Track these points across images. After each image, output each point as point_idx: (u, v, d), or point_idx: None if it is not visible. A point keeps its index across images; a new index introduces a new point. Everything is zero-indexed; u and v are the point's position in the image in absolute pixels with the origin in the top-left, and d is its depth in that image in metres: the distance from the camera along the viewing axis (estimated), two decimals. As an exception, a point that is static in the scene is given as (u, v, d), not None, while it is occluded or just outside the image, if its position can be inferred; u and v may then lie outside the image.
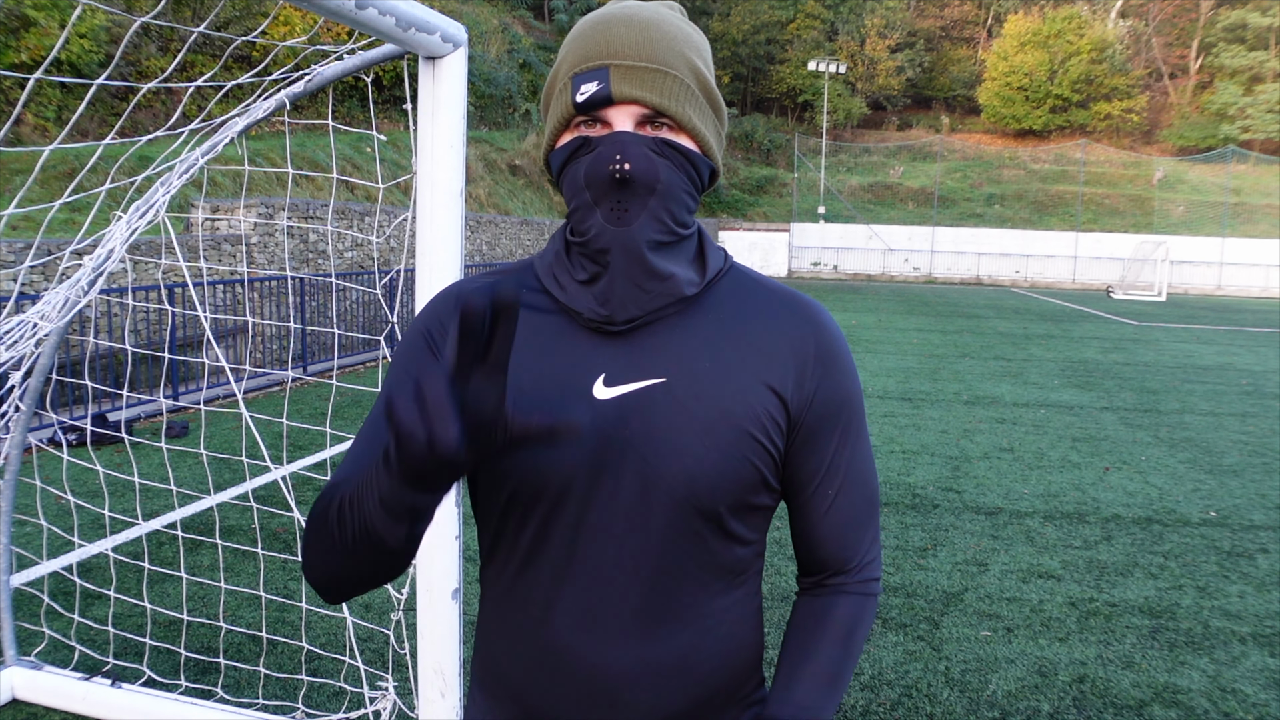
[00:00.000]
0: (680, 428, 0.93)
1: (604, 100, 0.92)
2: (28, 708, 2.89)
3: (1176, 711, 3.12)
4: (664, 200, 0.93)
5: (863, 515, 1.05)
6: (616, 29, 0.93)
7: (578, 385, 0.95)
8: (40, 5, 11.00)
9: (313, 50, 2.22)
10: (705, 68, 0.97)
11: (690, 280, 0.97)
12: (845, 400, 1.02)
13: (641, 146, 0.91)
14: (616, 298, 0.93)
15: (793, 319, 1.01)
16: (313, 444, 6.34)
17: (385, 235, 7.27)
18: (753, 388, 0.96)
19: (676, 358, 0.96)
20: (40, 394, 2.86)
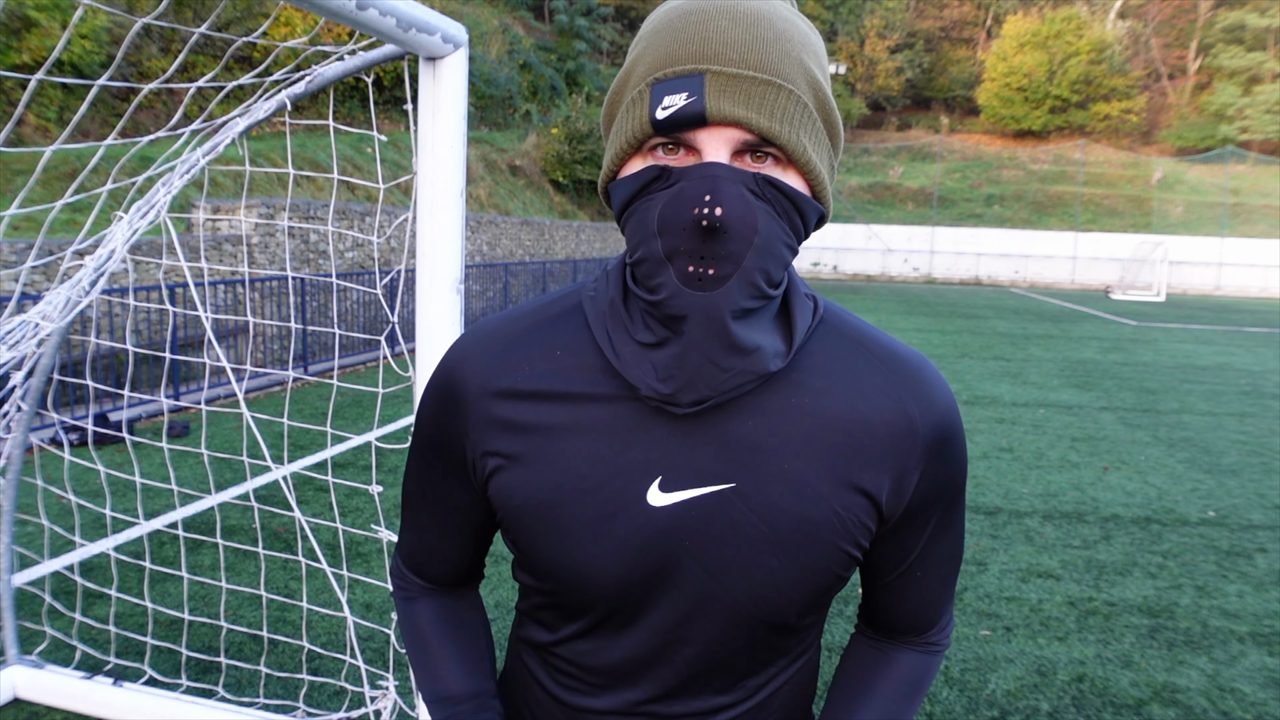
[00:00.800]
0: (751, 541, 0.79)
1: (695, 119, 0.70)
2: (29, 707, 2.89)
3: (1175, 710, 3.13)
4: (761, 258, 0.72)
5: (947, 587, 0.96)
6: (717, 23, 0.71)
7: (630, 488, 0.79)
8: (42, 6, 11.01)
9: (313, 51, 2.23)
10: (825, 80, 0.76)
11: (777, 352, 0.78)
12: (948, 488, 0.87)
13: (739, 185, 0.70)
14: (686, 376, 0.74)
15: (894, 392, 0.82)
16: (313, 444, 6.35)
17: (386, 235, 7.28)
18: (839, 493, 0.79)
19: (750, 454, 0.78)
20: (42, 394, 2.87)
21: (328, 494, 5.16)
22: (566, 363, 0.82)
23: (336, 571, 3.80)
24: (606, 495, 0.79)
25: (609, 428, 0.80)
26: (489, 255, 17.20)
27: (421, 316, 1.99)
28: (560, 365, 0.82)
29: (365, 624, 3.34)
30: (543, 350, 0.83)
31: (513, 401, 0.82)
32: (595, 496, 0.79)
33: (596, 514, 0.79)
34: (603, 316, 0.81)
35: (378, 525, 4.13)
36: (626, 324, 0.79)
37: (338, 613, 3.35)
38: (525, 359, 0.83)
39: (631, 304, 0.79)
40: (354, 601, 3.79)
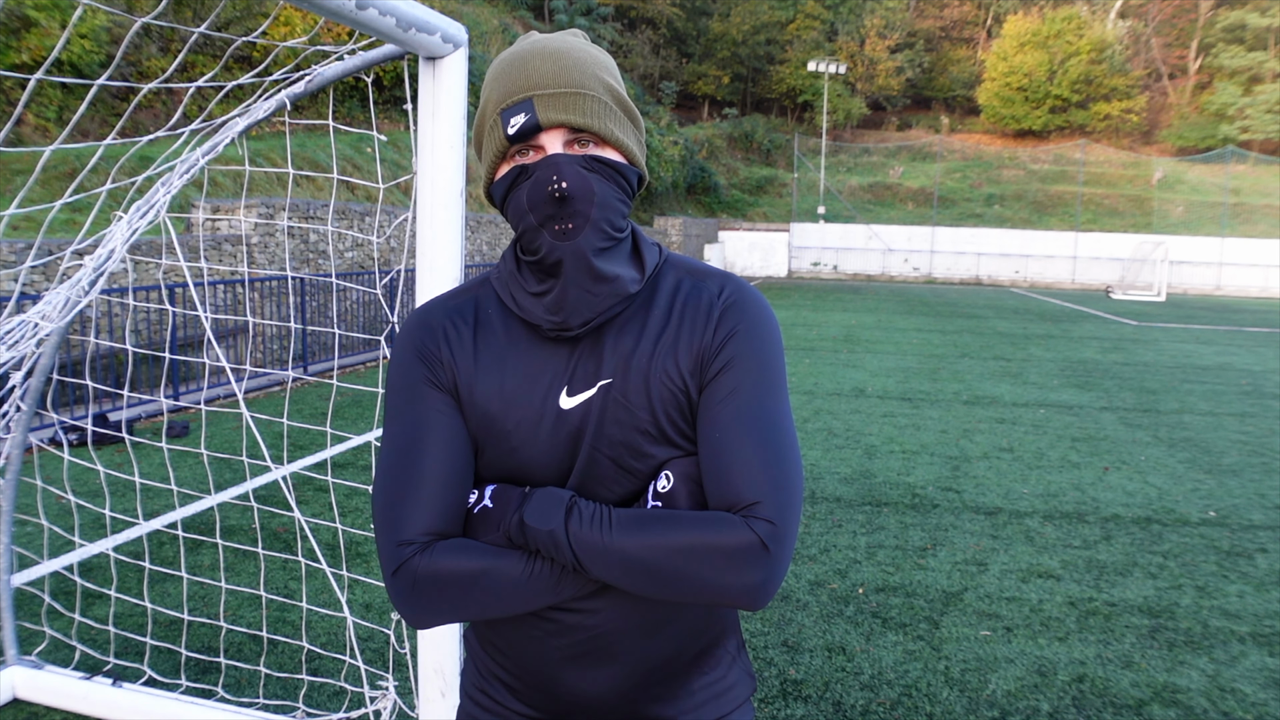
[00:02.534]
0: (623, 419, 1.05)
1: (533, 128, 1.01)
2: (29, 707, 2.89)
3: (1176, 711, 3.12)
4: (602, 211, 1.02)
5: (748, 458, 1.01)
6: (533, 63, 1.02)
7: (548, 398, 1.06)
8: (41, 6, 11.01)
9: (313, 51, 2.23)
10: (616, 84, 1.07)
11: (632, 278, 1.07)
12: (741, 351, 1.05)
13: (574, 165, 1.01)
14: (569, 304, 1.02)
15: (706, 289, 1.10)
16: (313, 444, 6.35)
17: (385, 235, 7.28)
18: (670, 370, 1.05)
19: (621, 357, 1.06)
20: (41, 394, 2.86)
21: (327, 494, 5.15)
22: (487, 315, 1.12)
23: (336, 572, 3.80)
24: (532, 404, 1.06)
25: (523, 356, 1.08)
26: (489, 255, 17.20)
27: (421, 316, 1.98)
28: (483, 319, 1.12)
29: (365, 624, 3.34)
30: (470, 310, 1.13)
31: (458, 346, 1.10)
32: (524, 406, 1.06)
33: (527, 418, 1.06)
34: (505, 282, 1.11)
35: (377, 525, 4.13)
36: (522, 283, 1.08)
37: (337, 613, 3.35)
38: (461, 317, 1.13)
39: (523, 269, 1.09)
40: (354, 601, 3.79)
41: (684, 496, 1.03)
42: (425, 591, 1.00)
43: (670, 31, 46.91)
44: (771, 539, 0.97)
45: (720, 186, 38.80)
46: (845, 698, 3.13)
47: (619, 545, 0.97)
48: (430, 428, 1.06)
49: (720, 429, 1.03)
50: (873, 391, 9.46)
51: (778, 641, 3.55)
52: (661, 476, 1.05)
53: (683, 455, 1.06)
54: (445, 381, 1.08)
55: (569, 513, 0.99)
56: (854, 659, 3.42)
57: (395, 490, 1.04)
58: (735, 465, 1.01)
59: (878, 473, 6.18)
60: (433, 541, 1.02)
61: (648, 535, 0.98)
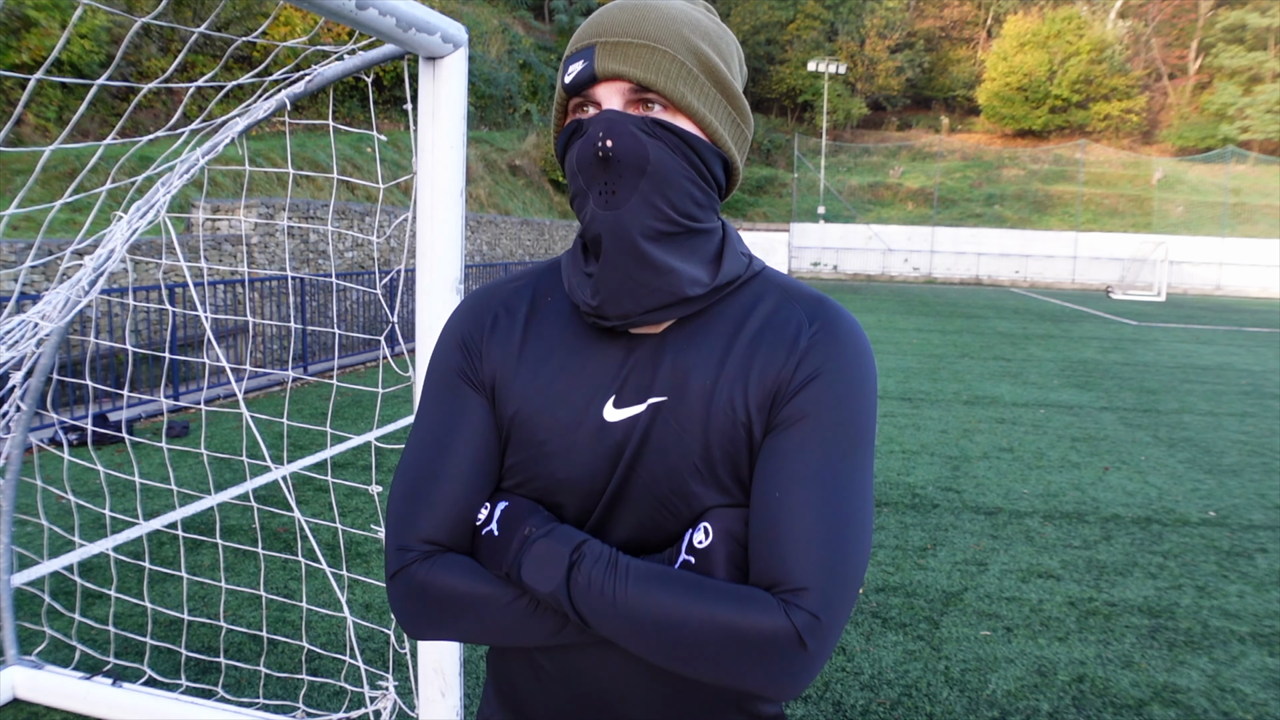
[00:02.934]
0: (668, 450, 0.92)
1: (589, 78, 0.89)
2: (29, 707, 2.89)
3: (1176, 711, 3.12)
4: (657, 184, 0.88)
5: (810, 533, 0.86)
6: (609, 11, 0.91)
7: (592, 405, 0.94)
8: (41, 6, 11.01)
9: (313, 51, 2.23)
10: (715, 55, 0.92)
11: (695, 280, 0.91)
12: (824, 401, 0.90)
13: (626, 124, 0.87)
14: (607, 288, 0.90)
15: (795, 316, 0.95)
16: (313, 444, 6.35)
17: (385, 235, 7.28)
18: (736, 402, 0.91)
19: (681, 373, 0.93)
20: (41, 394, 2.86)
21: (327, 494, 5.15)
22: (544, 302, 1.01)
23: (336, 572, 3.80)
24: (573, 408, 0.95)
25: (574, 354, 0.96)
26: (489, 255, 17.20)
27: (421, 316, 1.99)
28: (539, 306, 1.02)
29: (365, 624, 3.34)
30: (527, 296, 1.03)
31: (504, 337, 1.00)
32: (565, 409, 0.95)
33: (565, 424, 0.94)
34: (568, 263, 0.99)
35: (378, 525, 4.13)
36: (579, 259, 0.96)
37: (337, 613, 3.35)
38: (516, 303, 1.03)
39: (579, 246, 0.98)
40: (354, 602, 3.79)
41: (722, 559, 0.89)
42: (419, 603, 0.93)
43: (670, 31, 46.86)
44: (811, 634, 0.83)
45: (725, 186, 38.73)
46: (845, 698, 3.13)
47: (632, 605, 0.85)
48: (459, 431, 0.98)
49: (782, 489, 0.87)
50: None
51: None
52: (700, 528, 0.91)
53: (730, 505, 0.92)
54: (482, 377, 0.99)
55: (573, 569, 0.87)
56: (854, 659, 3.42)
57: (411, 492, 0.97)
58: (790, 538, 0.86)
59: (878, 473, 6.18)
60: (437, 553, 0.94)
61: (667, 599, 0.85)
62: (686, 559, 0.90)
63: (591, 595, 0.86)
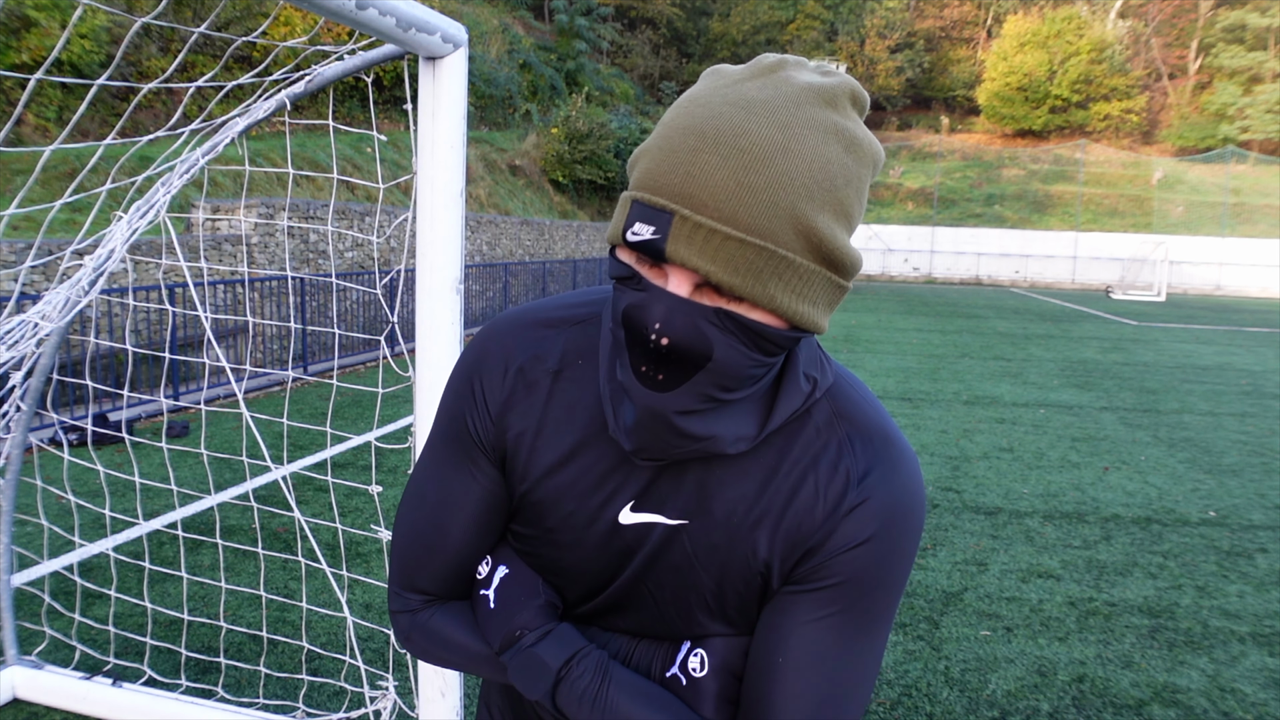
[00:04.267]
0: (686, 574, 0.86)
1: (657, 255, 0.71)
2: (29, 707, 2.89)
3: (1176, 711, 3.12)
4: (715, 376, 0.74)
5: (809, 704, 0.81)
6: (706, 158, 0.69)
7: (608, 506, 0.87)
8: (41, 6, 11.01)
9: (313, 50, 2.23)
10: (836, 221, 0.72)
11: (739, 437, 0.80)
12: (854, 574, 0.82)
13: (692, 318, 0.72)
14: (638, 443, 0.79)
15: (853, 462, 0.83)
16: (313, 444, 6.35)
17: (385, 235, 7.28)
18: (759, 547, 0.84)
19: (708, 499, 0.84)
20: (41, 394, 2.86)
21: (327, 494, 5.15)
22: (576, 369, 0.89)
23: (336, 572, 3.80)
24: (587, 505, 0.87)
25: (596, 441, 0.87)
26: (489, 255, 17.20)
27: (421, 316, 1.99)
28: (569, 371, 0.89)
29: (365, 624, 3.34)
30: (557, 353, 0.90)
31: (524, 402, 0.89)
32: (578, 502, 0.88)
33: (578, 519, 0.88)
34: (606, 339, 0.86)
35: (377, 525, 4.13)
36: (616, 362, 0.80)
37: (337, 613, 3.35)
38: (545, 357, 0.90)
39: None
40: (354, 602, 3.79)
41: (712, 693, 0.86)
42: (418, 643, 0.97)
43: (670, 31, 46.92)
44: None
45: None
46: (845, 698, 3.13)
47: (614, 713, 0.85)
48: (464, 493, 0.92)
49: (788, 654, 0.82)
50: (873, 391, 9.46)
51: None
52: (696, 654, 0.87)
53: (731, 635, 0.87)
54: (490, 439, 0.90)
55: (559, 685, 0.86)
56: (854, 659, 3.42)
57: (412, 543, 0.96)
58: (785, 704, 0.81)
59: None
60: (435, 603, 0.97)
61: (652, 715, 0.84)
62: (677, 675, 0.88)
63: (577, 703, 0.85)
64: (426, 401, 1.99)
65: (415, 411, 2.05)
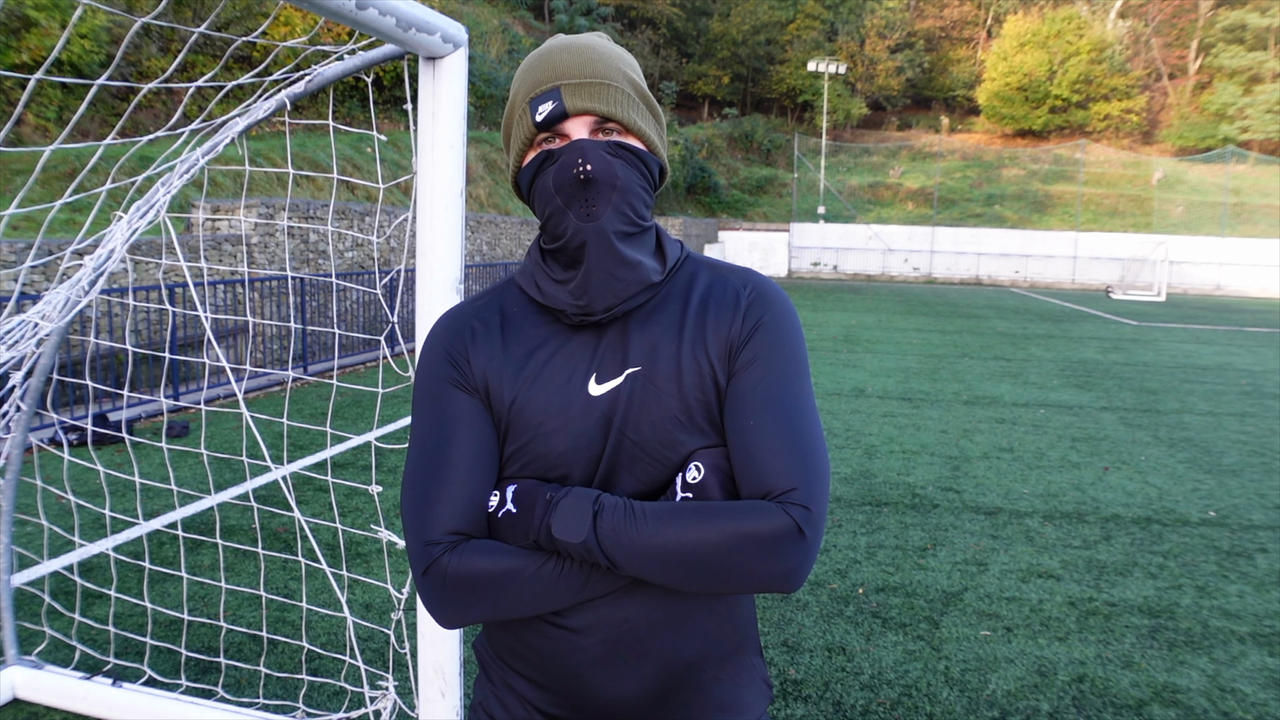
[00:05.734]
0: (654, 405, 1.07)
1: (560, 115, 1.06)
2: (29, 707, 2.89)
3: (1176, 711, 3.12)
4: (625, 195, 1.07)
5: (784, 445, 1.03)
6: (560, 55, 1.08)
7: (576, 384, 1.09)
8: (41, 6, 11.01)
9: (313, 51, 2.23)
10: (639, 79, 1.13)
11: (654, 268, 1.11)
12: (766, 340, 1.09)
13: (598, 150, 1.06)
14: (593, 288, 1.06)
15: (729, 284, 1.14)
16: (313, 444, 6.35)
17: (385, 235, 7.27)
18: (701, 358, 1.09)
19: (649, 345, 1.09)
20: (41, 394, 2.86)
21: (327, 494, 5.15)
22: (513, 312, 1.16)
23: (336, 571, 3.80)
24: (561, 392, 1.08)
25: (551, 347, 1.11)
26: (489, 255, 17.20)
27: (421, 316, 1.99)
28: (509, 315, 1.16)
29: (365, 624, 3.34)
30: (495, 309, 1.17)
31: (486, 344, 1.14)
32: (554, 394, 1.08)
33: (557, 406, 1.08)
34: (530, 276, 1.15)
35: (378, 525, 4.13)
36: (546, 271, 1.12)
37: (337, 613, 3.35)
38: (488, 315, 1.17)
39: (547, 259, 1.13)
40: (354, 601, 3.79)
41: (715, 487, 1.04)
42: (456, 591, 1.03)
43: (670, 31, 46.91)
44: (807, 523, 1.00)
45: (720, 186, 38.80)
46: (845, 698, 3.13)
47: (653, 541, 0.99)
48: (457, 427, 1.09)
49: (753, 416, 1.05)
50: (873, 391, 9.46)
51: (778, 641, 3.55)
52: (691, 467, 1.06)
53: (710, 446, 1.08)
54: (472, 382, 1.11)
55: (597, 518, 1.00)
56: (854, 659, 3.42)
57: (422, 491, 1.07)
58: (768, 454, 1.03)
59: (878, 473, 6.18)
60: (460, 541, 1.04)
61: (683, 528, 0.99)
62: (685, 496, 1.05)
63: (618, 538, 0.99)
64: (426, 401, 1.99)
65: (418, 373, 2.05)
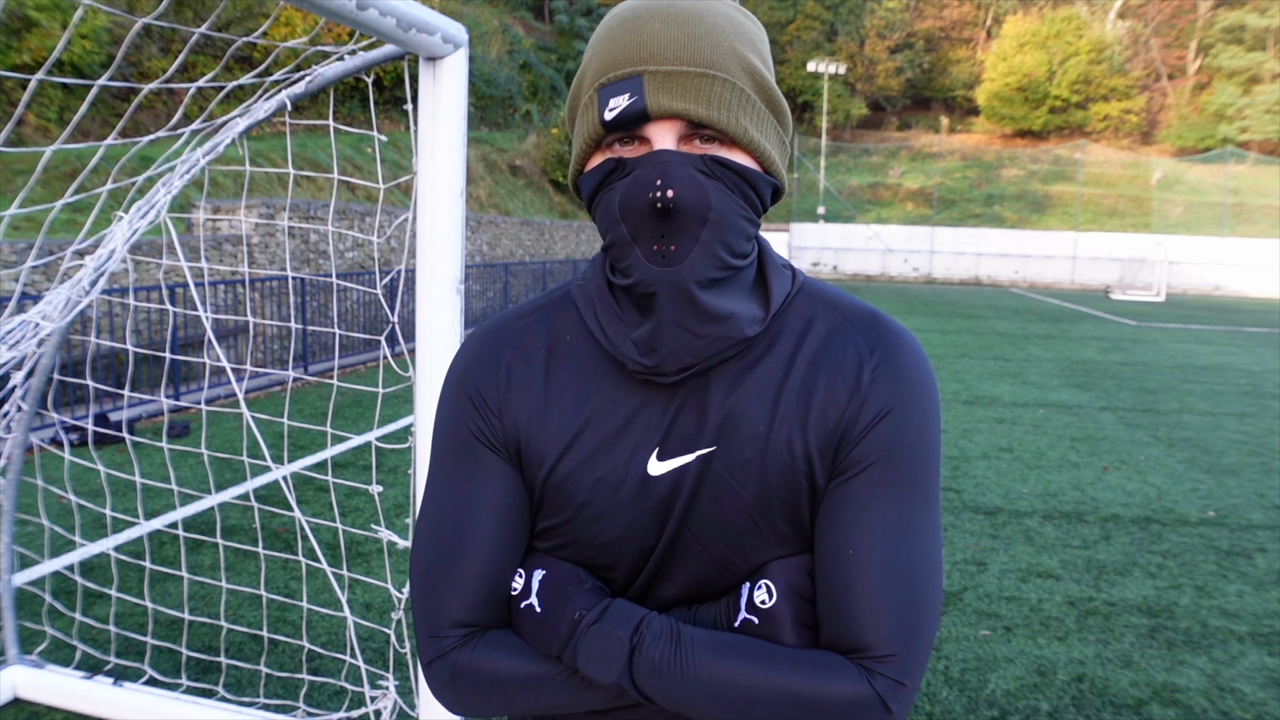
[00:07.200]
0: (727, 500, 0.85)
1: (639, 116, 0.77)
2: (30, 706, 2.90)
3: (1175, 710, 3.13)
4: (718, 230, 0.79)
5: (886, 593, 0.80)
6: (651, 26, 0.78)
7: (632, 460, 0.86)
8: (42, 6, 11.01)
9: (314, 51, 2.23)
10: (763, 66, 0.83)
11: (753, 317, 0.84)
12: (893, 446, 0.83)
13: (688, 168, 0.78)
14: (665, 346, 0.81)
15: (860, 347, 0.87)
16: (313, 444, 6.35)
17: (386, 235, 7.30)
18: (795, 445, 0.84)
19: (731, 419, 0.85)
20: (42, 394, 2.87)
21: (328, 494, 5.16)
22: (564, 343, 0.90)
23: (336, 571, 3.80)
24: (614, 465, 0.86)
25: (608, 402, 0.87)
26: (489, 255, 17.20)
27: (421, 316, 1.99)
28: (559, 348, 0.91)
29: (365, 624, 3.34)
30: (543, 335, 0.92)
31: (524, 390, 0.89)
32: (604, 466, 0.86)
33: (606, 482, 0.86)
34: (590, 301, 0.89)
35: (378, 525, 4.13)
36: (612, 305, 0.87)
37: (338, 613, 3.35)
38: (531, 345, 0.91)
39: (614, 289, 0.87)
40: (354, 601, 3.79)
41: (789, 620, 0.83)
42: (465, 690, 0.87)
43: (670, 32, 46.87)
44: (894, 698, 0.79)
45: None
46: (845, 697, 3.14)
47: (700, 682, 0.80)
48: (479, 498, 0.88)
49: (855, 545, 0.81)
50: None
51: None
52: (761, 586, 0.85)
53: (789, 554, 0.86)
54: (500, 436, 0.89)
55: (634, 655, 0.81)
56: (854, 658, 3.42)
57: (434, 570, 0.88)
58: (868, 600, 0.80)
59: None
60: (474, 634, 0.87)
61: (739, 671, 0.80)
62: (749, 618, 0.84)
63: (659, 677, 0.81)
64: (427, 401, 2.00)
65: (415, 411, 2.05)
